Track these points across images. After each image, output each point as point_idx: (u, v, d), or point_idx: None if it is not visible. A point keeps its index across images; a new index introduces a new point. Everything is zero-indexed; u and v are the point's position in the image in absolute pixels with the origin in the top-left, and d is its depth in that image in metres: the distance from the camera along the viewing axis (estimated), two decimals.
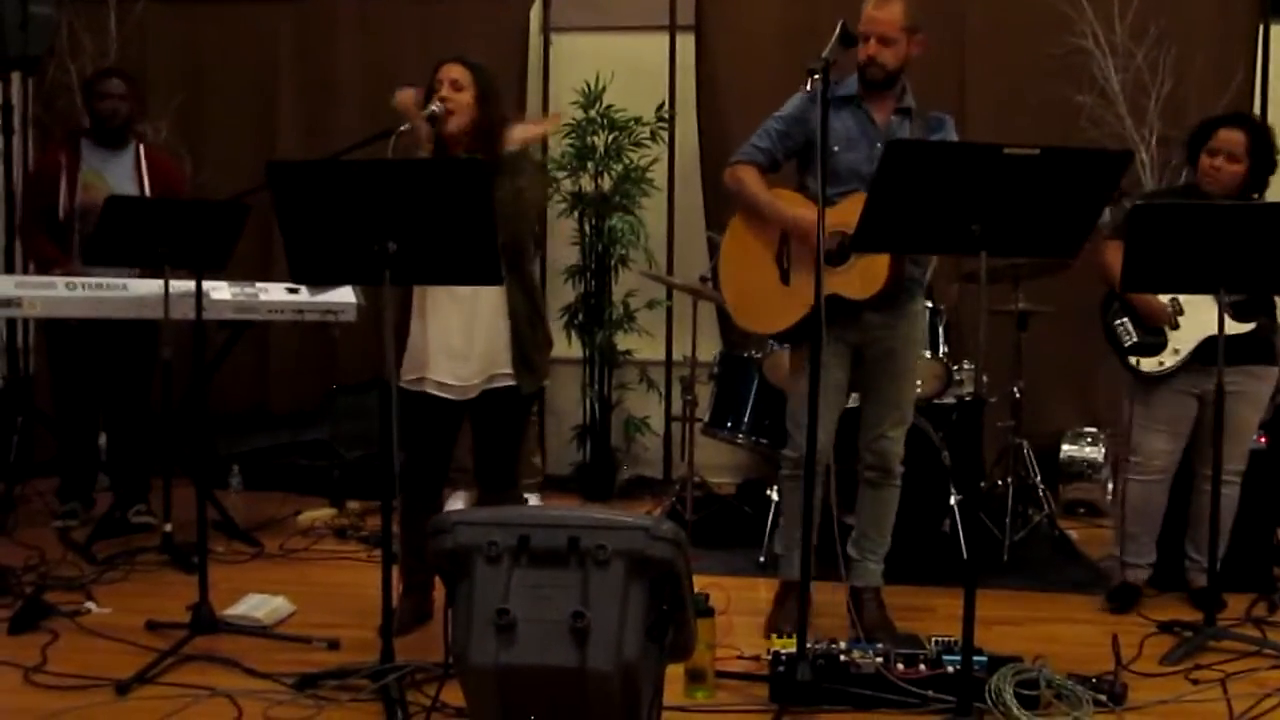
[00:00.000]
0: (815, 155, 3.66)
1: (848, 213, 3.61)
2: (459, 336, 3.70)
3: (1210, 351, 4.01)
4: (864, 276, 3.70)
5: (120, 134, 5.07)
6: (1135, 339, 4.20)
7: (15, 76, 5.89)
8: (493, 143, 3.70)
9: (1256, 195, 4.09)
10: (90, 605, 4.04)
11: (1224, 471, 3.99)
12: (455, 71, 3.73)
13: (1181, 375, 4.13)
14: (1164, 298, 4.13)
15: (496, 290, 3.68)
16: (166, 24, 6.55)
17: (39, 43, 5.35)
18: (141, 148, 5.15)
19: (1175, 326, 4.13)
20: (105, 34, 6.39)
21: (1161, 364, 4.14)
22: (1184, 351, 4.10)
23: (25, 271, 5.57)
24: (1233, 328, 3.99)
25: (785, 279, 3.82)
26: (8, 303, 4.46)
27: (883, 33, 3.69)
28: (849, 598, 3.87)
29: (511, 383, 3.74)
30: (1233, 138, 4.03)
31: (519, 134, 3.85)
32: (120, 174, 5.04)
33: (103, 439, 5.39)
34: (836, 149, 3.75)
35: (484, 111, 3.72)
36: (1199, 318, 4.08)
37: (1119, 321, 4.24)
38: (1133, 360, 4.20)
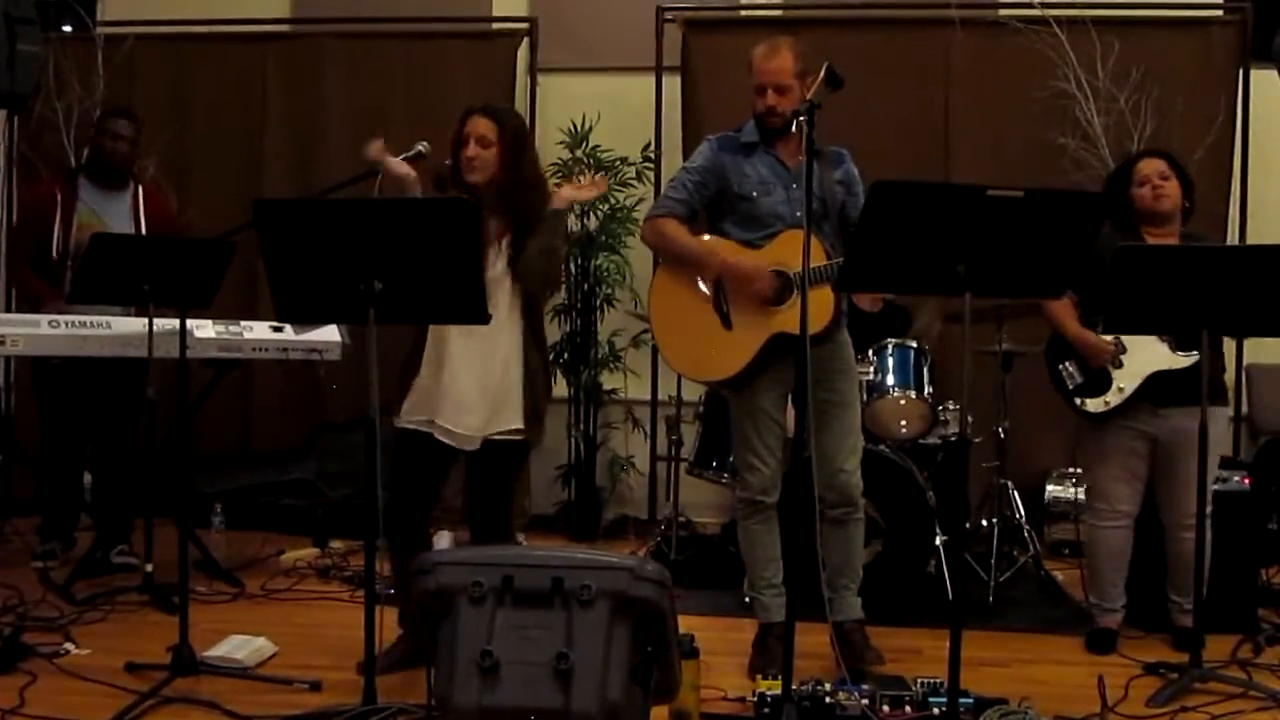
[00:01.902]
0: (733, 203, 3.83)
1: (782, 252, 3.70)
2: (473, 386, 3.70)
3: (1156, 390, 4.08)
4: (809, 312, 3.69)
5: (122, 175, 5.08)
6: (1079, 380, 4.23)
7: (1, 114, 5.89)
8: (523, 194, 3.70)
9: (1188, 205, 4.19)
10: (69, 646, 4.00)
11: (1190, 516, 4.03)
12: (483, 126, 3.71)
13: (1129, 416, 4.16)
14: (1107, 337, 4.17)
15: (514, 342, 3.71)
16: (154, 61, 6.56)
17: (26, 80, 5.34)
18: (140, 187, 5.16)
19: (1118, 365, 4.15)
20: (93, 71, 6.41)
21: (1107, 403, 4.17)
22: (1129, 389, 4.13)
23: (14, 309, 5.54)
24: (1175, 361, 4.06)
25: (727, 324, 3.83)
26: None
27: (777, 82, 3.76)
28: (833, 635, 3.85)
29: (519, 437, 3.76)
30: (1153, 164, 4.19)
31: (568, 193, 3.89)
32: (118, 212, 5.04)
33: (87, 478, 5.36)
34: (755, 194, 3.82)
35: (510, 163, 3.71)
36: (1142, 355, 4.12)
37: (1062, 365, 4.28)
38: (1078, 401, 4.23)
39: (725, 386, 3.99)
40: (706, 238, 3.91)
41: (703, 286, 3.89)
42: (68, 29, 6.54)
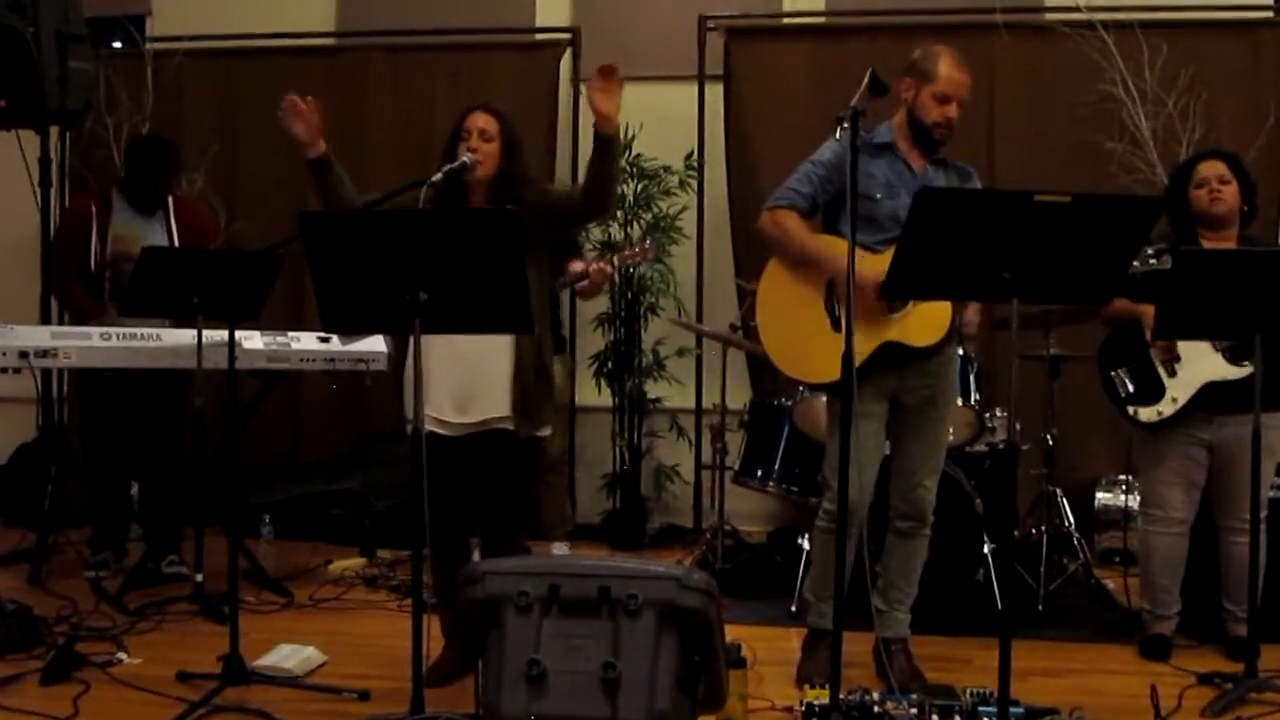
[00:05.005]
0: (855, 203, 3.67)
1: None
2: (459, 374, 3.71)
3: (1212, 399, 4.03)
4: (924, 324, 3.66)
5: (162, 200, 5.15)
6: (1131, 389, 4.18)
7: (54, 130, 5.97)
8: (516, 192, 3.73)
9: (1246, 209, 4.15)
10: (122, 656, 4.04)
11: (1242, 519, 4.00)
12: (483, 120, 3.79)
13: (1185, 424, 4.11)
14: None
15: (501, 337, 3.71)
16: (201, 77, 6.65)
17: (78, 97, 5.40)
18: (171, 201, 5.22)
19: (1172, 374, 4.11)
20: (142, 87, 6.49)
21: (1160, 413, 4.12)
22: (1182, 400, 4.09)
23: (61, 322, 5.62)
24: (1230, 372, 4.01)
25: (838, 326, 3.73)
26: (44, 353, 4.51)
27: (965, 95, 3.74)
28: (878, 649, 3.82)
29: (509, 427, 3.73)
30: (1213, 165, 4.15)
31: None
32: (152, 226, 5.11)
33: (134, 489, 5.41)
34: (878, 196, 3.74)
35: (508, 160, 3.78)
36: (1196, 365, 4.07)
37: (1114, 372, 4.23)
38: (1131, 410, 4.19)
39: (825, 390, 3.93)
40: (823, 237, 3.82)
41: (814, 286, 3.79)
42: (118, 45, 6.64)
